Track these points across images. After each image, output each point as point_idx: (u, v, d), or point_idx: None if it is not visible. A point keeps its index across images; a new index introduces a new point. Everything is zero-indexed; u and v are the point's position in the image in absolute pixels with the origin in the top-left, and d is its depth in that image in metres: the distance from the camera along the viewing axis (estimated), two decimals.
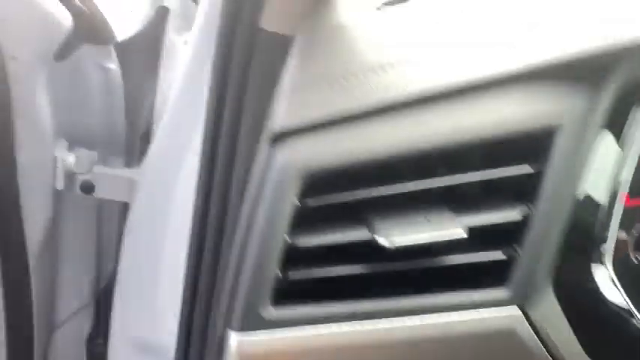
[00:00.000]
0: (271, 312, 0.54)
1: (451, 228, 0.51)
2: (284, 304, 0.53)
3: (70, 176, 0.79)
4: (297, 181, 0.50)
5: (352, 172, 0.51)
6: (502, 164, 0.53)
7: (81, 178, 0.80)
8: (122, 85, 0.81)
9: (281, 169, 0.51)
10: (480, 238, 0.53)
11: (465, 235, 0.51)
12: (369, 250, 0.51)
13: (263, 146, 0.52)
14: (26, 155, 0.72)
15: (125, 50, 0.81)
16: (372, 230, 0.51)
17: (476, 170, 0.53)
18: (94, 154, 0.81)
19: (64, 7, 0.70)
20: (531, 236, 0.53)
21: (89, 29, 0.72)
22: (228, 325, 0.55)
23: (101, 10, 0.74)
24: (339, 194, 0.52)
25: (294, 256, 0.52)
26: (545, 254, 0.54)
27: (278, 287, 0.53)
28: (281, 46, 0.56)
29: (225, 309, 0.55)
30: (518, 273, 0.54)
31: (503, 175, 0.52)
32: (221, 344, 0.56)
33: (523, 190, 0.53)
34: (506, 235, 0.54)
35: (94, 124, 0.82)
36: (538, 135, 0.52)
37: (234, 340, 0.54)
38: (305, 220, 0.52)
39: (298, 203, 0.51)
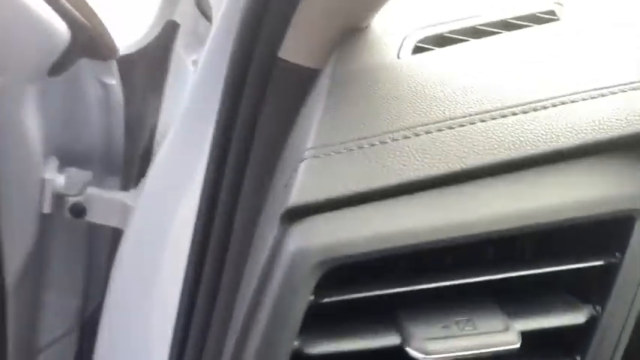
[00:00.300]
0: None
1: (502, 335, 0.42)
2: None
3: (59, 198, 0.74)
4: (316, 271, 0.40)
5: (384, 260, 0.42)
6: (568, 256, 0.44)
7: (72, 200, 0.75)
8: (122, 103, 0.76)
9: (295, 256, 0.40)
10: (532, 344, 0.44)
11: (518, 347, 0.42)
12: (397, 357, 0.42)
13: (273, 226, 0.43)
14: (10, 175, 0.67)
15: (128, 65, 0.76)
16: (402, 336, 0.42)
17: (535, 263, 0.44)
18: (87, 175, 0.76)
19: (62, 19, 0.64)
20: (597, 343, 0.44)
21: (89, 44, 0.67)
22: None
23: (104, 24, 0.68)
24: (365, 288, 0.42)
25: None
26: None
27: None
28: (301, 79, 0.49)
29: None
30: None
31: (567, 269, 0.44)
32: None
33: (590, 287, 0.45)
34: (565, 342, 0.45)
35: (90, 142, 0.77)
36: (614, 222, 0.43)
37: None
38: (319, 319, 0.42)
39: (313, 299, 0.41)
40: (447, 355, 0.41)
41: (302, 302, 0.40)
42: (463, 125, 0.43)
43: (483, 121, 0.43)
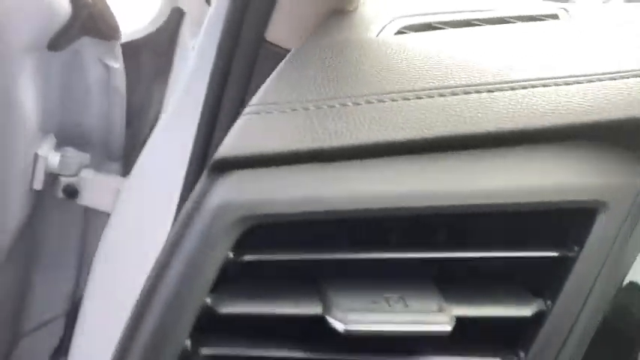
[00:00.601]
0: None
1: (432, 316, 0.39)
2: None
3: (52, 177, 0.73)
4: (236, 226, 0.38)
5: (314, 224, 0.40)
6: (520, 243, 0.41)
7: (65, 180, 0.74)
8: (125, 86, 0.75)
9: (218, 209, 0.38)
10: (469, 333, 0.40)
11: (448, 330, 0.39)
12: (319, 329, 0.40)
13: (202, 177, 0.41)
14: (1, 148, 0.66)
15: (134, 51, 0.76)
16: (324, 305, 0.39)
17: (485, 246, 0.41)
18: (84, 156, 0.76)
19: None
20: (543, 339, 0.41)
21: (90, 21, 0.67)
22: None
23: (107, 3, 0.68)
24: (289, 251, 0.40)
25: (212, 325, 0.40)
26: None
27: None
28: None
29: None
30: None
31: (518, 257, 0.41)
32: None
33: (541, 279, 0.42)
34: (509, 336, 0.42)
35: (89, 124, 0.76)
36: (574, 212, 0.41)
37: None
38: (235, 279, 0.40)
39: (232, 256, 0.39)
40: (369, 327, 0.38)
41: (218, 256, 0.38)
42: (420, 98, 0.41)
43: (443, 95, 0.42)
